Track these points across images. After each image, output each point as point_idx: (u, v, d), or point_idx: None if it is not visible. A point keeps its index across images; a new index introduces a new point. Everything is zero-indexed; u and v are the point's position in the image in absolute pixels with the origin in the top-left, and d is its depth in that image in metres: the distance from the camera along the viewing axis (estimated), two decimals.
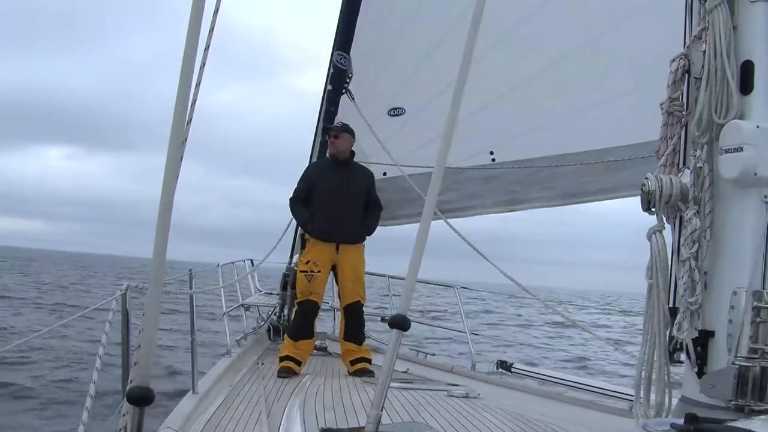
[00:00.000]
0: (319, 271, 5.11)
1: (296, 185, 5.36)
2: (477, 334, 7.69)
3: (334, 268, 5.23)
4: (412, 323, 2.43)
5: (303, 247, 5.54)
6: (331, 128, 5.40)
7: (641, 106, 5.42)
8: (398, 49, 6.46)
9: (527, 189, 6.31)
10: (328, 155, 5.46)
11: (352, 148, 5.39)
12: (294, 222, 5.95)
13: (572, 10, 5.70)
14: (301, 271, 5.17)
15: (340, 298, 5.34)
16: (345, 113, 6.38)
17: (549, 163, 6.03)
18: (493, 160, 6.19)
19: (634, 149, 5.57)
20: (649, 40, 5.27)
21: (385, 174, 6.41)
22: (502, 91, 5.85)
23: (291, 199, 5.36)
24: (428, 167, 6.09)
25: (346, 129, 5.37)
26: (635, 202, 2.32)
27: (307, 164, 6.44)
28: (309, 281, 5.11)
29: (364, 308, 5.35)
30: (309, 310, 5.17)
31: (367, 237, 5.38)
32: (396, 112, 6.56)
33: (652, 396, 2.26)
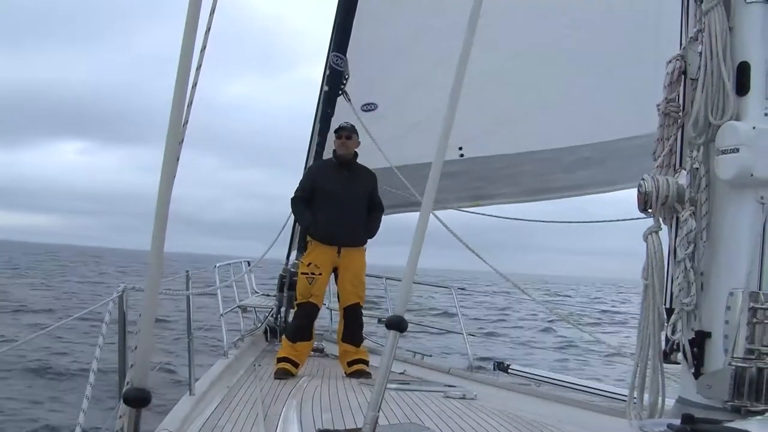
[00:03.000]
0: (320, 274, 5.09)
1: (298, 185, 5.33)
2: (474, 335, 7.69)
3: (334, 270, 5.22)
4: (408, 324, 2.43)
5: (305, 248, 5.50)
6: (343, 128, 5.32)
7: (609, 105, 5.55)
8: (374, 45, 6.46)
9: (492, 185, 6.36)
10: (333, 156, 5.37)
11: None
12: (292, 221, 5.92)
13: (542, 10, 5.85)
14: (303, 273, 5.14)
15: (339, 300, 5.32)
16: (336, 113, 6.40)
17: (514, 161, 6.11)
18: (462, 155, 6.15)
19: (600, 147, 5.66)
20: (614, 42, 5.42)
21: None
22: (473, 89, 5.90)
23: (293, 200, 5.31)
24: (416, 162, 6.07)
25: (355, 130, 5.34)
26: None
27: (305, 166, 6.41)
28: (310, 284, 5.08)
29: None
30: (309, 312, 5.16)
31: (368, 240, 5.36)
32: (369, 107, 6.51)
33: (646, 396, 2.26)
